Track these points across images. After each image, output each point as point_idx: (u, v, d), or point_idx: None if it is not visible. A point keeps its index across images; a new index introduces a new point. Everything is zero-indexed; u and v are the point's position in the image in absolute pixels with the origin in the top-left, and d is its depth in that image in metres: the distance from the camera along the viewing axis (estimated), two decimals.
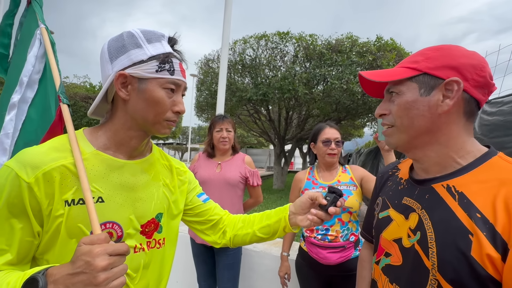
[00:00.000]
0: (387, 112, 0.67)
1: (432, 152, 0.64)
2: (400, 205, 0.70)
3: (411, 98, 0.62)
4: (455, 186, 0.59)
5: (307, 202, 0.81)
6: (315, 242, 1.45)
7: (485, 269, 0.49)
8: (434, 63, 0.60)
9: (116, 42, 0.68)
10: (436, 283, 0.55)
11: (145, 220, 0.73)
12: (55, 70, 0.99)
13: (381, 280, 0.72)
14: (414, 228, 0.63)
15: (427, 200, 0.63)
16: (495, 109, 2.09)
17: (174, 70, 0.68)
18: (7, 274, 0.56)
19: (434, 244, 0.57)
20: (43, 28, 1.07)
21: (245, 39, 9.04)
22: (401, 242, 0.66)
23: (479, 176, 0.57)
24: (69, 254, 0.59)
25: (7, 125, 1.02)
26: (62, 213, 0.61)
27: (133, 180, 0.71)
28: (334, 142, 1.51)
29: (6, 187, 0.58)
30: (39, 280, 0.50)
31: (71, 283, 0.49)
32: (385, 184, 0.84)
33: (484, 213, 0.52)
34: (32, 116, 1.06)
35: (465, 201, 0.56)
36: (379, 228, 0.76)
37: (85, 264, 0.49)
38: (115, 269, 0.52)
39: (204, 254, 1.88)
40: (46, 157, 0.61)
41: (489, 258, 0.49)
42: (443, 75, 0.59)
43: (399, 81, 0.63)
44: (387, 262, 0.70)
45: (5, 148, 1.01)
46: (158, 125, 0.70)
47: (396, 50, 8.35)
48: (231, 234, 0.90)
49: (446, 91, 0.59)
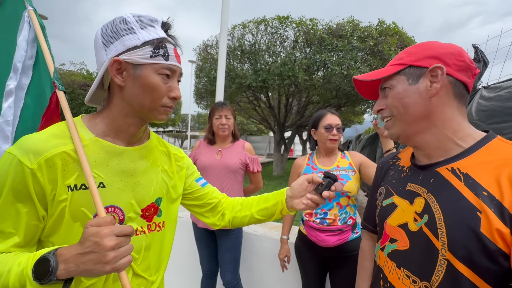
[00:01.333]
0: (384, 107, 0.73)
1: (430, 136, 0.68)
2: (404, 191, 0.73)
3: (401, 89, 0.68)
4: (459, 168, 0.62)
5: (304, 183, 0.83)
6: (314, 226, 1.50)
7: (495, 243, 0.52)
8: (416, 56, 0.68)
9: (109, 28, 0.67)
10: (445, 262, 0.58)
11: (145, 204, 0.75)
12: (48, 56, 0.97)
13: (388, 266, 0.73)
14: (420, 212, 0.66)
15: (432, 184, 0.66)
16: (493, 94, 2.06)
17: (169, 56, 0.68)
18: (17, 255, 0.59)
19: (443, 225, 0.59)
20: (31, 10, 1.03)
21: (244, 24, 8.85)
22: (407, 227, 0.68)
23: (482, 158, 0.60)
24: (73, 236, 0.63)
25: (6, 112, 1.01)
26: (66, 197, 0.63)
27: (132, 166, 0.73)
28: (335, 128, 1.54)
29: (10, 173, 0.59)
30: (50, 260, 0.53)
31: (81, 262, 0.52)
32: (387, 173, 0.86)
33: (490, 191, 0.55)
34: (28, 103, 1.06)
35: (470, 181, 0.59)
36: (383, 216, 0.79)
37: (94, 244, 0.52)
38: (122, 248, 0.55)
39: (206, 237, 1.93)
40: (47, 144, 0.62)
41: (499, 232, 0.52)
42: (427, 64, 0.65)
43: (388, 77, 0.71)
44: (393, 248, 0.72)
45: (7, 135, 1.01)
46: (155, 111, 0.70)
47: (398, 34, 8.18)
48: (230, 216, 0.93)
49: (432, 77, 0.65)
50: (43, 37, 1.01)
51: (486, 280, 0.54)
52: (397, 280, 0.69)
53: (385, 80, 0.72)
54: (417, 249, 0.65)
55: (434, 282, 0.60)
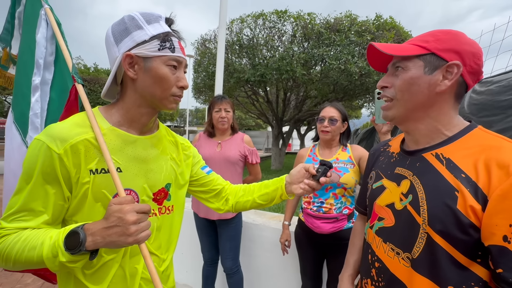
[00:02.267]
0: (389, 85, 0.72)
1: (422, 125, 0.71)
2: (393, 175, 0.78)
3: (415, 75, 0.67)
4: (442, 153, 0.68)
5: (301, 171, 0.90)
6: (311, 213, 1.58)
7: (468, 218, 0.59)
8: (443, 45, 0.65)
9: (118, 26, 0.72)
10: (425, 235, 0.65)
11: (156, 189, 0.81)
12: (66, 52, 1.05)
13: (375, 242, 0.80)
14: (406, 192, 0.71)
15: (418, 167, 0.71)
16: (484, 88, 2.09)
17: (175, 48, 0.73)
18: (47, 230, 0.66)
19: (425, 203, 0.65)
20: (48, 8, 1.10)
21: (242, 18, 8.82)
22: (394, 206, 0.74)
23: (463, 145, 0.66)
24: (95, 215, 0.70)
25: (34, 105, 1.10)
26: (88, 180, 0.69)
27: (144, 153, 0.79)
28: (327, 120, 1.58)
29: (39, 158, 0.65)
30: (79, 233, 0.60)
31: (107, 235, 0.60)
32: (377, 159, 0.91)
33: (468, 174, 0.61)
34: (53, 96, 1.14)
35: (451, 165, 0.65)
36: (373, 197, 0.84)
37: (118, 219, 0.59)
38: (142, 223, 0.62)
39: (207, 227, 2.01)
40: (71, 132, 0.68)
41: (472, 209, 0.58)
42: (448, 57, 0.65)
43: (407, 57, 0.68)
44: (380, 225, 0.79)
45: (37, 126, 1.10)
46: (165, 100, 0.75)
47: (395, 29, 8.21)
48: (233, 201, 0.99)
49: (446, 73, 0.65)
50: (60, 34, 1.07)
51: (458, 249, 0.61)
52: (383, 254, 0.75)
53: (401, 59, 0.69)
54: (401, 225, 0.71)
55: (415, 252, 0.67)
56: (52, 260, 0.60)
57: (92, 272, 0.71)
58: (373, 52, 0.77)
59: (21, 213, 0.66)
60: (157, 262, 0.82)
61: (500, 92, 1.90)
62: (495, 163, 0.58)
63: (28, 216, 0.66)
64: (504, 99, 1.77)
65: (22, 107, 1.13)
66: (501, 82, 1.96)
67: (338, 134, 1.63)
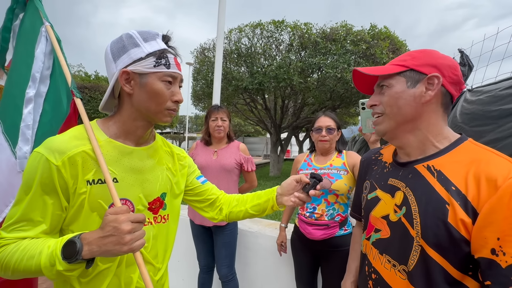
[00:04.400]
0: (378, 103, 0.77)
1: (413, 137, 0.74)
2: (386, 186, 0.80)
3: (400, 89, 0.72)
4: (434, 165, 0.70)
5: (292, 184, 0.92)
6: (304, 219, 1.61)
7: (459, 231, 0.60)
8: (419, 61, 0.71)
9: (117, 43, 0.76)
10: (419, 248, 0.66)
11: (152, 198, 0.83)
12: (65, 67, 1.08)
13: (372, 253, 0.81)
14: (400, 204, 0.73)
15: (410, 179, 0.73)
16: (474, 98, 2.10)
17: (170, 64, 0.76)
18: (45, 240, 0.67)
19: (418, 215, 0.67)
20: (48, 26, 1.15)
21: (241, 28, 8.97)
22: (389, 218, 0.76)
23: (454, 157, 0.68)
24: (90, 225, 0.72)
25: (26, 117, 1.12)
26: (85, 191, 0.71)
27: (140, 164, 0.81)
28: (325, 130, 1.63)
29: (38, 169, 0.67)
30: (76, 242, 0.62)
31: (102, 244, 0.62)
32: (370, 168, 0.93)
33: (458, 186, 0.62)
34: (47, 109, 1.16)
35: (442, 177, 0.66)
36: (368, 208, 0.86)
37: (113, 228, 0.62)
38: (137, 232, 0.64)
39: (203, 234, 2.02)
40: (69, 144, 0.71)
41: (462, 222, 0.59)
42: (426, 71, 0.70)
43: (389, 76, 0.74)
44: (377, 237, 0.80)
45: (27, 138, 1.11)
46: (160, 114, 0.78)
47: (389, 38, 8.36)
48: (227, 211, 1.01)
49: (428, 85, 0.70)
50: (60, 50, 1.12)
51: (451, 262, 0.62)
52: (380, 265, 0.76)
53: (384, 78, 0.74)
54: (396, 237, 0.73)
55: (410, 265, 0.67)
56: (50, 269, 0.62)
57: (87, 281, 0.73)
58: (359, 76, 0.82)
59: (20, 223, 0.67)
60: (152, 271, 0.83)
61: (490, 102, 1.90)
62: (484, 176, 0.59)
63: (27, 226, 0.68)
64: (494, 109, 1.77)
65: (14, 118, 1.13)
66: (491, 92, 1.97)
67: (335, 142, 1.68)
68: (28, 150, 1.11)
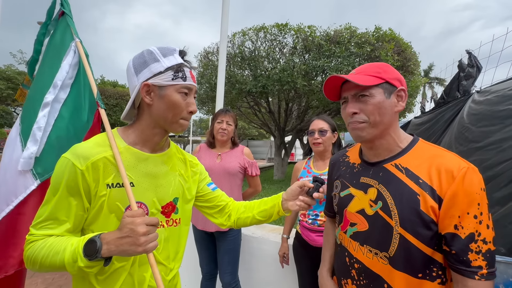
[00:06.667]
0: (358, 111, 0.82)
1: (384, 140, 0.85)
2: (359, 184, 0.90)
3: (381, 99, 0.80)
4: (401, 164, 0.82)
5: (296, 190, 0.97)
6: (306, 226, 1.58)
7: (429, 215, 0.73)
8: (391, 75, 0.82)
9: (138, 59, 0.83)
10: (398, 235, 0.77)
11: (165, 203, 0.88)
12: (92, 79, 1.18)
13: (352, 246, 0.89)
14: (374, 199, 0.83)
15: (381, 176, 0.84)
16: (482, 98, 2.08)
17: (186, 77, 0.83)
18: (69, 238, 0.74)
19: (395, 208, 0.78)
20: (78, 42, 1.28)
21: (244, 32, 9.00)
22: (365, 212, 0.86)
23: (414, 155, 0.81)
24: (109, 225, 0.78)
25: (40, 120, 1.18)
26: (105, 193, 0.77)
27: (155, 169, 0.87)
28: (317, 132, 1.63)
29: (65, 173, 0.74)
30: (96, 241, 0.68)
31: (120, 244, 0.68)
32: (339, 168, 1.02)
33: (424, 179, 0.76)
34: (64, 114, 1.25)
35: (410, 173, 0.79)
36: (342, 204, 0.94)
37: (130, 230, 0.68)
38: (151, 235, 0.70)
39: (206, 240, 1.99)
40: (93, 151, 0.78)
41: (432, 208, 0.73)
42: (396, 84, 0.82)
43: (369, 86, 0.81)
44: (354, 230, 0.88)
45: (37, 139, 1.17)
46: (175, 124, 0.85)
47: (394, 40, 8.30)
48: (235, 217, 1.06)
49: (397, 96, 0.82)
50: (88, 64, 1.21)
51: (424, 242, 0.75)
52: (362, 255, 0.85)
53: (366, 88, 0.81)
54: (375, 228, 0.82)
55: (391, 251, 0.78)
56: (72, 265, 0.68)
57: (104, 278, 0.79)
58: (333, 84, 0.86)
59: (48, 222, 0.75)
60: (164, 272, 0.88)
61: (498, 102, 1.89)
62: (444, 169, 0.74)
63: (53, 224, 0.75)
64: (502, 109, 1.77)
65: (30, 121, 1.21)
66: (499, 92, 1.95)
67: (330, 144, 1.66)
68: (35, 150, 1.17)
